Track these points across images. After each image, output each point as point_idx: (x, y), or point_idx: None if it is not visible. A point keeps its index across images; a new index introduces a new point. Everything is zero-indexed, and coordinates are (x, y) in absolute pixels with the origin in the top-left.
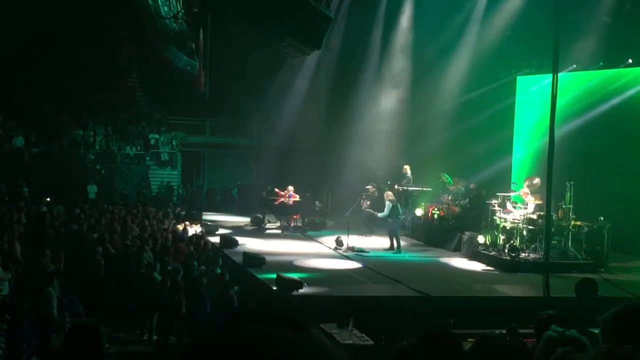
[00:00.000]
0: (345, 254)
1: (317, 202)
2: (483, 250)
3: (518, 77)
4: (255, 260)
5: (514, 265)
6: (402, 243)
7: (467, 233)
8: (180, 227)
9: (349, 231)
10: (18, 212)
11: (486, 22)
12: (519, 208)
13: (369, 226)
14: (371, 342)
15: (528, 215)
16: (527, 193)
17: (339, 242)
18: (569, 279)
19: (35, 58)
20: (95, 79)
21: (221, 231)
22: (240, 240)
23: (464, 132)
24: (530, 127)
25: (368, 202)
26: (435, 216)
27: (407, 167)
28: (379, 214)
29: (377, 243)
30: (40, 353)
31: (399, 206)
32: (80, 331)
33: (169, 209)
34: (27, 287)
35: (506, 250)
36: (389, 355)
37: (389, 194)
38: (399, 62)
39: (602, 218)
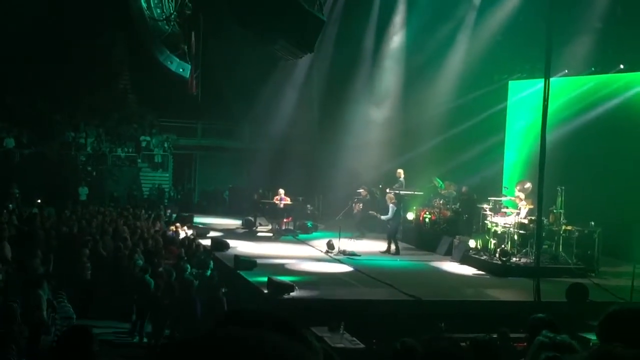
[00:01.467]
0: (336, 257)
1: (308, 205)
2: (474, 254)
3: (510, 82)
4: (247, 263)
5: (505, 270)
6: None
7: (458, 237)
8: (172, 229)
9: (340, 234)
10: (9, 214)
11: (478, 27)
12: (509, 214)
13: (361, 229)
14: (362, 346)
15: (519, 220)
16: (522, 198)
17: (330, 246)
18: (560, 284)
19: (28, 59)
20: (88, 81)
21: (212, 234)
22: (232, 243)
23: (456, 136)
24: (521, 131)
25: (360, 206)
26: (427, 220)
27: (400, 171)
28: (383, 217)
29: (368, 246)
30: (30, 355)
31: (401, 209)
32: (71, 333)
33: (160, 212)
34: (17, 289)
35: (497, 255)
36: (380, 358)
37: (391, 197)
38: (392, 66)
39: (593, 223)
